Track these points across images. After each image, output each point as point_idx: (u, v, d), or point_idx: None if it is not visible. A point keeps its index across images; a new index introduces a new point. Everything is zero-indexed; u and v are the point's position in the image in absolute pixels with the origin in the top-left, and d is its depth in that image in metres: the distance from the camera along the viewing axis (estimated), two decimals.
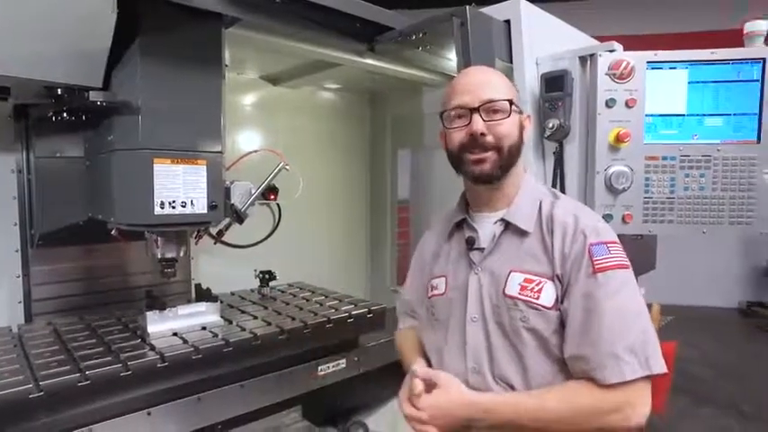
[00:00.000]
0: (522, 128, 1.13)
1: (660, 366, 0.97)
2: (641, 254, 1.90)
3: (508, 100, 1.08)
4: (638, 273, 1.96)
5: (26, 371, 1.27)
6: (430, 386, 1.09)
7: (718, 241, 6.33)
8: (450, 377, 1.08)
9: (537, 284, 1.04)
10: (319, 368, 1.69)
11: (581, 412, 0.97)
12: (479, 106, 1.06)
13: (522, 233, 1.09)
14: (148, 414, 1.33)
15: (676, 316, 5.68)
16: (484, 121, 1.06)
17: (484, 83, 1.10)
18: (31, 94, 1.32)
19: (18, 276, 1.71)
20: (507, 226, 1.11)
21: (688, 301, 6.28)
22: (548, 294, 1.03)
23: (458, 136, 1.09)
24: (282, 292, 2.14)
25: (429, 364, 1.20)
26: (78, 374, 1.24)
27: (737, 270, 6.59)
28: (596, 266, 1.00)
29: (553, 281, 1.04)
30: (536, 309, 1.03)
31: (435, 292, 1.19)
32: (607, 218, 1.52)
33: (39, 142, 1.60)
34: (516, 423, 1.00)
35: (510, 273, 1.07)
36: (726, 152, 1.50)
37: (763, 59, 1.46)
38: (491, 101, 1.07)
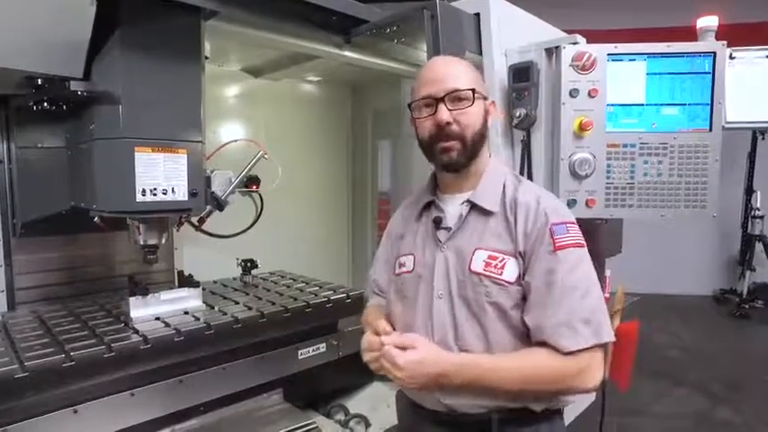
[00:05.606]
0: (486, 113, 1.19)
1: (609, 335, 1.07)
2: (608, 238, 1.99)
3: (471, 89, 1.14)
4: (606, 256, 2.06)
5: (11, 353, 1.30)
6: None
7: (695, 231, 6.54)
8: (419, 337, 1.12)
9: (500, 261, 1.11)
10: (299, 352, 1.74)
11: (546, 376, 1.06)
12: (444, 96, 1.13)
13: (487, 213, 1.16)
14: (132, 395, 1.37)
15: (659, 304, 5.88)
16: (449, 110, 1.13)
17: (448, 73, 1.16)
18: (12, 85, 1.34)
19: (1, 266, 1.73)
20: (473, 206, 1.18)
21: (666, 290, 6.47)
22: (510, 270, 1.10)
23: (426, 126, 1.16)
24: (264, 279, 2.19)
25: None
26: (63, 356, 1.28)
27: (713, 259, 6.79)
28: (557, 244, 1.08)
29: (515, 258, 1.11)
30: (499, 284, 1.10)
31: (403, 269, 1.25)
32: (571, 203, 1.59)
33: (20, 132, 1.63)
34: (483, 383, 1.06)
35: (475, 250, 1.14)
36: (681, 140, 1.58)
37: (714, 53, 1.55)
38: (455, 90, 1.13)
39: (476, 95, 1.15)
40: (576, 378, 1.05)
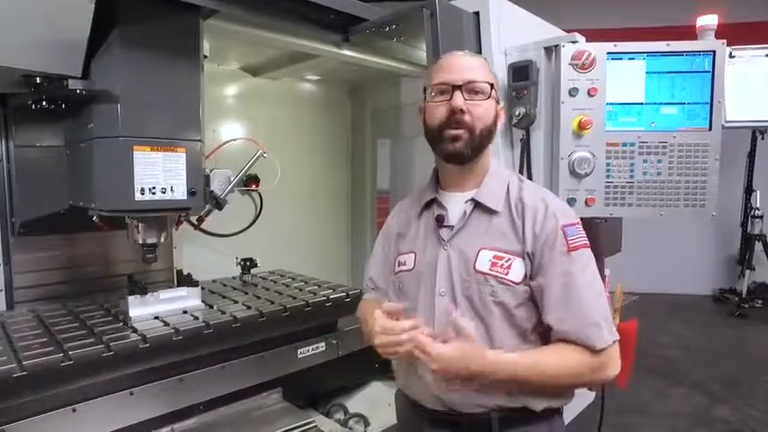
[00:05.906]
0: (496, 116, 1.20)
1: (616, 333, 1.10)
2: (608, 237, 1.98)
3: (489, 83, 1.15)
4: (606, 255, 2.05)
5: (9, 353, 1.30)
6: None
7: (695, 231, 6.54)
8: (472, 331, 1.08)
9: (506, 261, 1.11)
10: (299, 351, 1.74)
11: (579, 371, 1.08)
12: (462, 85, 1.13)
13: (491, 212, 1.16)
14: (131, 394, 1.37)
15: (659, 304, 5.88)
16: (465, 99, 1.13)
17: (469, 65, 1.17)
18: (10, 83, 1.34)
19: None
20: (477, 205, 1.18)
21: (666, 290, 6.47)
22: (516, 271, 1.11)
23: (438, 112, 1.15)
24: (263, 278, 2.18)
25: None
26: (61, 355, 1.27)
27: (712, 259, 6.80)
28: (570, 245, 1.10)
29: (522, 258, 1.11)
30: (505, 284, 1.10)
31: (403, 267, 1.25)
32: (571, 201, 1.59)
33: (18, 131, 1.62)
34: (519, 379, 1.07)
35: (480, 250, 1.14)
36: (681, 139, 1.57)
37: (714, 52, 1.54)
38: (474, 81, 1.14)
39: (491, 92, 1.16)
40: (601, 371, 1.08)
